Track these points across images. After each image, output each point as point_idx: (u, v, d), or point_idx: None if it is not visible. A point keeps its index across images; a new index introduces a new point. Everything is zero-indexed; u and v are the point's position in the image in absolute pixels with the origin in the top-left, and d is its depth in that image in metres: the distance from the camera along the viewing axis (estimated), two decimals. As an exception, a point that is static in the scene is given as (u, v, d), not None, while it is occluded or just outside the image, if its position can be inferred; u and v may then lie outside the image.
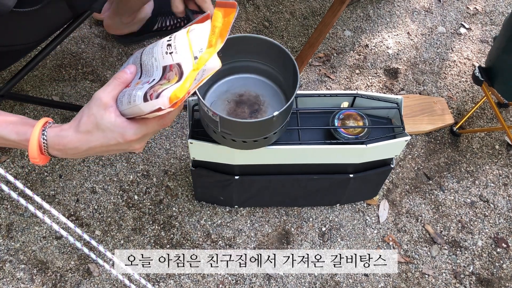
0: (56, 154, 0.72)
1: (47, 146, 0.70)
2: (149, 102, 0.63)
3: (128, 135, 0.68)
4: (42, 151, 0.70)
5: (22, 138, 0.70)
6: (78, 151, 0.71)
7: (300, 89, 1.56)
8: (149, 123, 0.70)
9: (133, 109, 0.66)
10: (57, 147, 0.70)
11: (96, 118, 0.68)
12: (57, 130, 0.70)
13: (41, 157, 0.71)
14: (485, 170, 1.44)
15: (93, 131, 0.68)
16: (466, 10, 1.83)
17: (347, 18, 1.75)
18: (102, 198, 1.31)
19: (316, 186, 1.22)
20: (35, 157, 0.70)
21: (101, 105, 0.68)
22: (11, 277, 1.18)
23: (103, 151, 0.72)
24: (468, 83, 1.63)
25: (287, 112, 0.95)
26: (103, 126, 0.68)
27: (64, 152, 0.71)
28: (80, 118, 0.69)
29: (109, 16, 1.50)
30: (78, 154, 0.72)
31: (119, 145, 0.70)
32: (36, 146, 0.69)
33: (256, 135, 0.94)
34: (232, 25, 0.68)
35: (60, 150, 0.71)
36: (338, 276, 1.23)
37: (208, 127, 0.97)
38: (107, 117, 0.67)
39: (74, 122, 0.70)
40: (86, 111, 0.69)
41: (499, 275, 1.26)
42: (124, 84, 0.71)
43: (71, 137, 0.70)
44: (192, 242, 1.26)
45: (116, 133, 0.68)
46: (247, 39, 0.96)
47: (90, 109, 0.68)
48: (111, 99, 0.69)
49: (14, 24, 0.90)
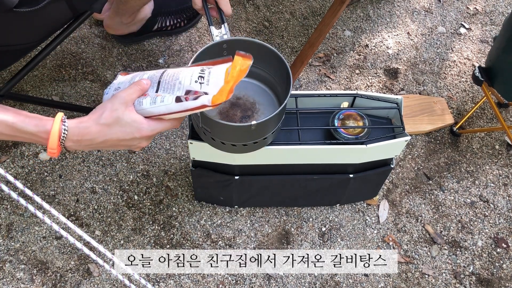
0: (69, 145, 0.77)
1: (66, 137, 0.75)
2: (183, 102, 0.77)
3: (144, 130, 0.79)
4: (60, 142, 0.75)
5: (42, 130, 0.75)
6: (92, 143, 0.78)
7: (300, 89, 1.56)
8: (164, 122, 0.81)
9: (158, 108, 0.78)
10: (75, 138, 0.77)
11: (118, 113, 0.76)
12: (77, 122, 0.77)
13: (58, 148, 0.76)
14: (485, 170, 1.44)
15: (113, 125, 0.77)
16: (466, 10, 1.83)
17: (347, 18, 1.75)
18: (102, 198, 1.31)
19: (316, 186, 1.22)
20: (54, 148, 0.75)
21: (124, 103, 0.77)
22: (11, 277, 1.18)
23: (114, 145, 0.79)
24: (468, 83, 1.63)
25: (276, 120, 0.94)
26: (124, 122, 0.77)
27: (79, 143, 0.77)
28: (101, 112, 0.77)
29: (109, 16, 1.50)
30: (90, 146, 0.79)
31: (132, 140, 0.79)
32: (57, 136, 0.75)
33: (237, 140, 0.94)
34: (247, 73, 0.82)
35: (76, 142, 0.77)
36: (338, 276, 1.24)
37: (194, 120, 0.99)
38: (128, 113, 0.77)
39: (93, 115, 0.77)
40: (109, 106, 0.77)
41: (499, 275, 1.26)
42: (143, 91, 0.81)
43: (90, 128, 0.77)
44: (192, 242, 1.26)
45: (134, 128, 0.78)
46: (248, 43, 0.96)
47: (114, 104, 0.77)
48: (132, 100, 0.79)
49: (14, 24, 0.90)
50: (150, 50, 1.60)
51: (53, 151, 0.75)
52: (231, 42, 0.96)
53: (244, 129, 0.89)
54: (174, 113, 0.79)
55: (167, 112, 0.79)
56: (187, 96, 0.78)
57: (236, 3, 1.75)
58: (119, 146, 0.81)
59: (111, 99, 0.78)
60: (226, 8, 0.99)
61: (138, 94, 0.80)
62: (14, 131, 0.74)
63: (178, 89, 0.80)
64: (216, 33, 0.97)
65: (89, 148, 0.80)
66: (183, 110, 0.78)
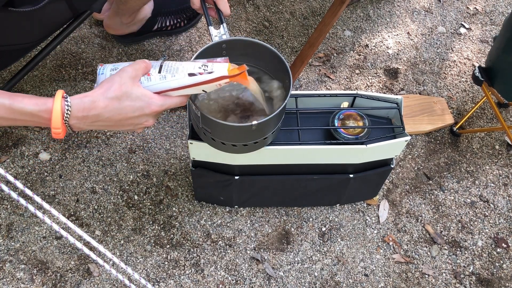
0: (74, 123, 0.73)
1: (70, 113, 0.71)
2: (197, 76, 0.77)
3: (154, 105, 0.76)
4: (63, 121, 0.71)
5: (42, 108, 0.70)
6: (98, 119, 0.74)
7: (300, 89, 1.56)
8: (172, 98, 0.79)
9: (169, 83, 0.78)
10: (80, 114, 0.72)
11: (127, 87, 0.73)
12: (80, 97, 0.72)
13: (63, 127, 0.72)
14: (485, 170, 1.44)
15: (123, 99, 0.73)
16: (466, 10, 1.83)
17: (347, 18, 1.75)
18: (102, 198, 1.31)
19: (316, 186, 1.22)
20: (59, 127, 0.71)
21: (132, 78, 0.75)
22: (11, 277, 1.18)
23: (120, 123, 0.76)
24: (468, 83, 1.63)
25: (276, 120, 0.94)
26: (134, 95, 0.74)
27: (84, 120, 0.73)
28: (109, 86, 0.73)
29: (109, 16, 1.50)
30: (96, 123, 0.75)
31: (139, 118, 0.77)
32: (60, 113, 0.70)
33: (237, 140, 0.94)
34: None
35: (81, 118, 0.72)
36: (338, 276, 1.23)
37: (193, 121, 0.98)
38: (137, 88, 0.75)
39: (100, 89, 0.73)
40: (117, 80, 0.73)
41: (499, 275, 1.26)
42: (147, 70, 0.78)
43: (97, 103, 0.72)
44: (192, 242, 1.26)
45: (144, 102, 0.75)
46: (248, 43, 0.96)
47: (122, 78, 0.74)
48: (139, 76, 0.76)
49: (14, 23, 0.90)
50: (150, 50, 1.60)
51: (57, 130, 0.71)
52: (231, 42, 0.96)
53: (245, 129, 0.89)
54: (185, 88, 0.78)
55: (179, 87, 0.78)
56: (201, 72, 0.78)
57: (236, 3, 1.75)
58: (125, 125, 0.78)
59: (119, 73, 0.75)
60: (225, 8, 0.99)
61: (143, 71, 0.78)
62: (12, 113, 0.70)
63: (181, 72, 0.79)
64: (215, 33, 0.97)
65: (94, 126, 0.76)
66: (198, 82, 0.77)
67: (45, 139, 1.38)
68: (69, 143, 1.39)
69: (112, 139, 1.41)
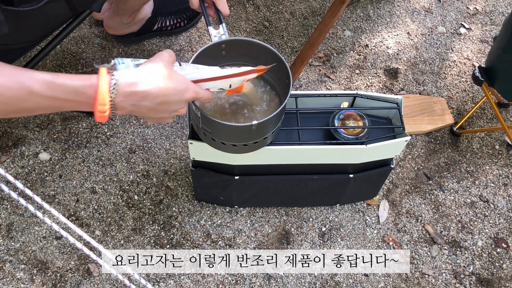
0: (119, 101, 0.68)
1: (117, 88, 0.67)
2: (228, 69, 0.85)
3: (191, 91, 0.77)
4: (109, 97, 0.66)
5: (86, 84, 0.65)
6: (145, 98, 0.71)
7: (300, 89, 1.56)
8: (203, 91, 0.82)
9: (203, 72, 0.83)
10: (128, 89, 0.68)
11: (170, 69, 0.75)
12: (126, 71, 0.69)
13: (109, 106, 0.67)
14: (485, 170, 1.44)
15: (169, 78, 0.73)
16: (466, 10, 1.83)
17: (347, 18, 1.75)
18: (102, 198, 1.31)
19: (316, 186, 1.22)
20: (105, 103, 0.66)
21: (170, 62, 0.76)
22: (11, 277, 1.18)
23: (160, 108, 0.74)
24: (468, 83, 1.63)
25: (276, 120, 0.94)
26: (176, 78, 0.75)
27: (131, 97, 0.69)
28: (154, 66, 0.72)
29: (109, 16, 1.50)
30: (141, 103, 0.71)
31: (178, 103, 0.76)
32: (107, 88, 0.65)
33: (237, 140, 0.94)
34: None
35: (128, 96, 0.69)
36: (338, 276, 1.23)
37: (193, 121, 0.98)
38: (176, 73, 0.76)
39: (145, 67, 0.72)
40: (160, 61, 0.73)
41: (499, 275, 1.26)
42: (174, 60, 0.79)
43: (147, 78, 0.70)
44: (192, 242, 1.26)
45: (184, 86, 0.76)
46: (247, 43, 0.96)
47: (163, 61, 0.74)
48: (173, 62, 0.77)
49: (13, 23, 0.90)
50: (150, 50, 1.59)
51: (104, 108, 0.65)
52: (230, 42, 0.96)
53: (245, 129, 0.89)
54: (217, 80, 0.83)
55: (211, 77, 0.82)
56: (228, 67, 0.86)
57: (236, 3, 1.75)
58: (163, 111, 0.75)
59: (158, 57, 0.74)
60: (224, 8, 0.98)
61: (174, 59, 0.78)
62: (53, 90, 0.64)
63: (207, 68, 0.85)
64: (215, 33, 0.97)
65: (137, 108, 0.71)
66: (229, 74, 0.83)
67: (45, 139, 1.38)
68: (69, 143, 1.39)
69: (112, 139, 1.41)
